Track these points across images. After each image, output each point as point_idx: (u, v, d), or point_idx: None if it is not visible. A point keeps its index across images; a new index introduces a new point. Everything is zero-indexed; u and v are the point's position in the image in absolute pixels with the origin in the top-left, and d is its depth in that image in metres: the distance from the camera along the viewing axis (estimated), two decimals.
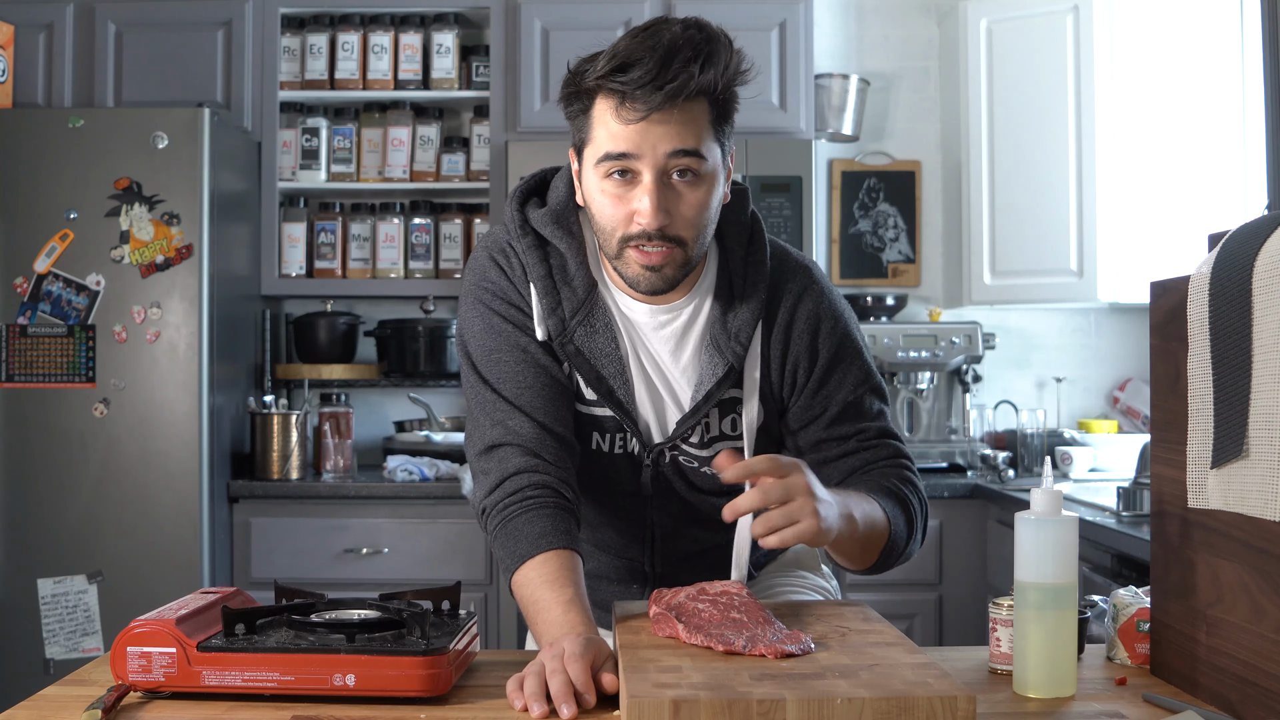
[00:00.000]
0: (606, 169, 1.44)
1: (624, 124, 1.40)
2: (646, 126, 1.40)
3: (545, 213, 1.56)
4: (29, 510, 3.39)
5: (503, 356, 1.55)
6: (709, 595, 1.40)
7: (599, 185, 1.45)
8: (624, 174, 1.43)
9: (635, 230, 1.44)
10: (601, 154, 1.43)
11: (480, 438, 1.54)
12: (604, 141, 1.43)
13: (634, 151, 1.41)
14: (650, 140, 1.40)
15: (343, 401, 3.85)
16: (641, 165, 1.42)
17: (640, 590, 1.70)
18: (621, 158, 1.42)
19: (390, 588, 1.59)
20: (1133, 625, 1.44)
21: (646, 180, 1.42)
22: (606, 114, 1.42)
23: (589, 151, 1.46)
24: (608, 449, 1.61)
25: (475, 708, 1.27)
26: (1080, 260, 3.60)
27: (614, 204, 1.44)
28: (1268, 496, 1.15)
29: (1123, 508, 2.74)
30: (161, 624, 1.28)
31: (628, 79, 1.38)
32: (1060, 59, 3.62)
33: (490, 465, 1.51)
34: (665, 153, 1.41)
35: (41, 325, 3.41)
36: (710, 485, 1.61)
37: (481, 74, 3.93)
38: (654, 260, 1.45)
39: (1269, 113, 2.95)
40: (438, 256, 3.94)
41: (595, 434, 1.60)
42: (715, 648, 1.27)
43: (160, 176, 3.42)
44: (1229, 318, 1.21)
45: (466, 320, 1.59)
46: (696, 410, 1.55)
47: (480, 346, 1.57)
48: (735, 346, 1.54)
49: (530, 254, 1.54)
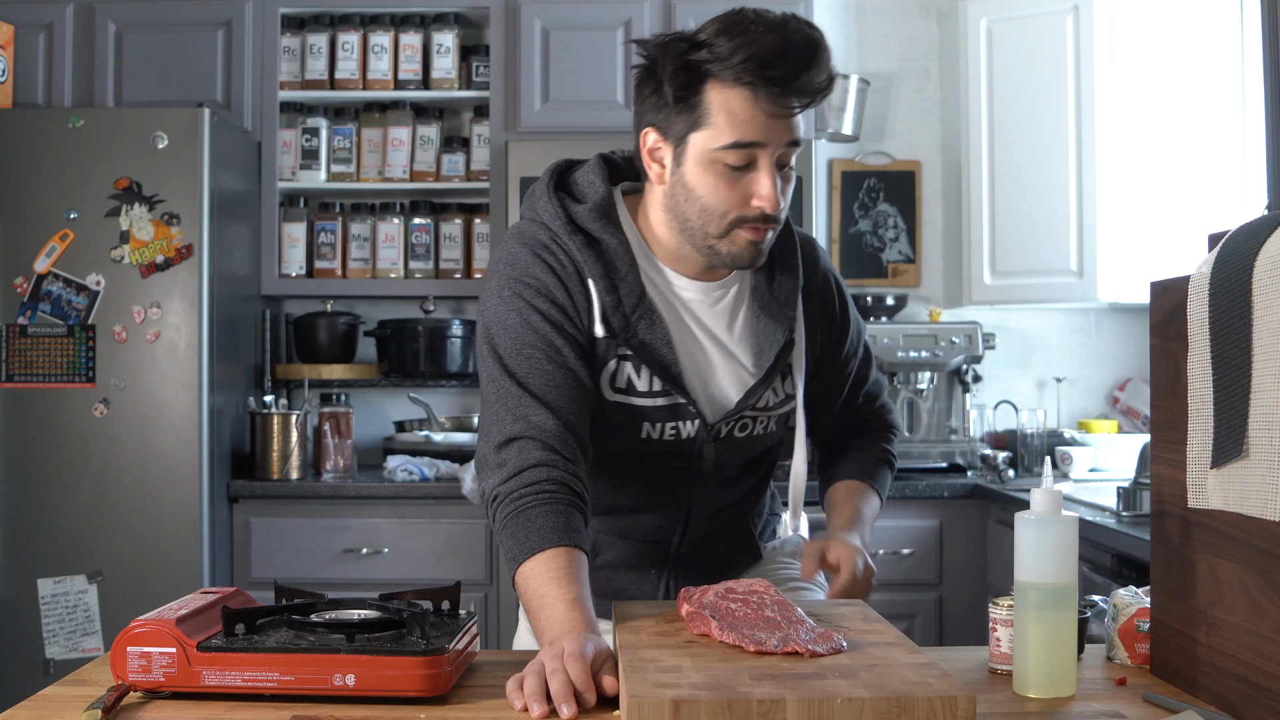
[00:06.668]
0: (732, 156, 1.47)
1: (762, 114, 1.45)
2: (775, 120, 1.46)
3: (590, 209, 1.58)
4: (29, 510, 3.39)
5: (535, 354, 1.54)
6: (738, 594, 1.40)
7: (712, 168, 1.49)
8: (742, 160, 1.48)
9: (753, 213, 1.50)
10: (728, 141, 1.46)
11: (500, 430, 1.52)
12: (730, 129, 1.46)
13: (764, 140, 1.47)
14: (778, 131, 1.47)
15: (343, 401, 3.85)
16: (764, 153, 1.48)
17: (657, 576, 1.72)
18: (751, 146, 1.47)
19: (390, 588, 1.59)
20: (1133, 625, 1.44)
21: (766, 167, 1.48)
22: (734, 103, 1.45)
23: (702, 135, 1.48)
24: (658, 436, 1.62)
25: (475, 708, 1.27)
26: (1080, 260, 3.60)
27: (729, 186, 1.49)
28: (1268, 496, 1.15)
29: (1123, 508, 2.74)
30: (161, 624, 1.28)
31: (773, 74, 1.43)
32: (1060, 59, 3.62)
33: (509, 456, 1.50)
34: (785, 142, 1.49)
35: (41, 325, 3.41)
36: (752, 451, 1.71)
37: (481, 74, 3.94)
38: (762, 238, 1.53)
39: (1269, 113, 2.95)
40: (438, 256, 3.94)
41: (645, 424, 1.61)
42: (747, 647, 1.27)
43: (160, 176, 3.42)
44: (1229, 318, 1.21)
45: (497, 314, 1.57)
46: (768, 378, 1.63)
47: (512, 341, 1.55)
48: (788, 312, 1.64)
49: (584, 252, 1.56)
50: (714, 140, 1.47)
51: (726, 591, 1.42)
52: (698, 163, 1.49)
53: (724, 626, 1.32)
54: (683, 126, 1.49)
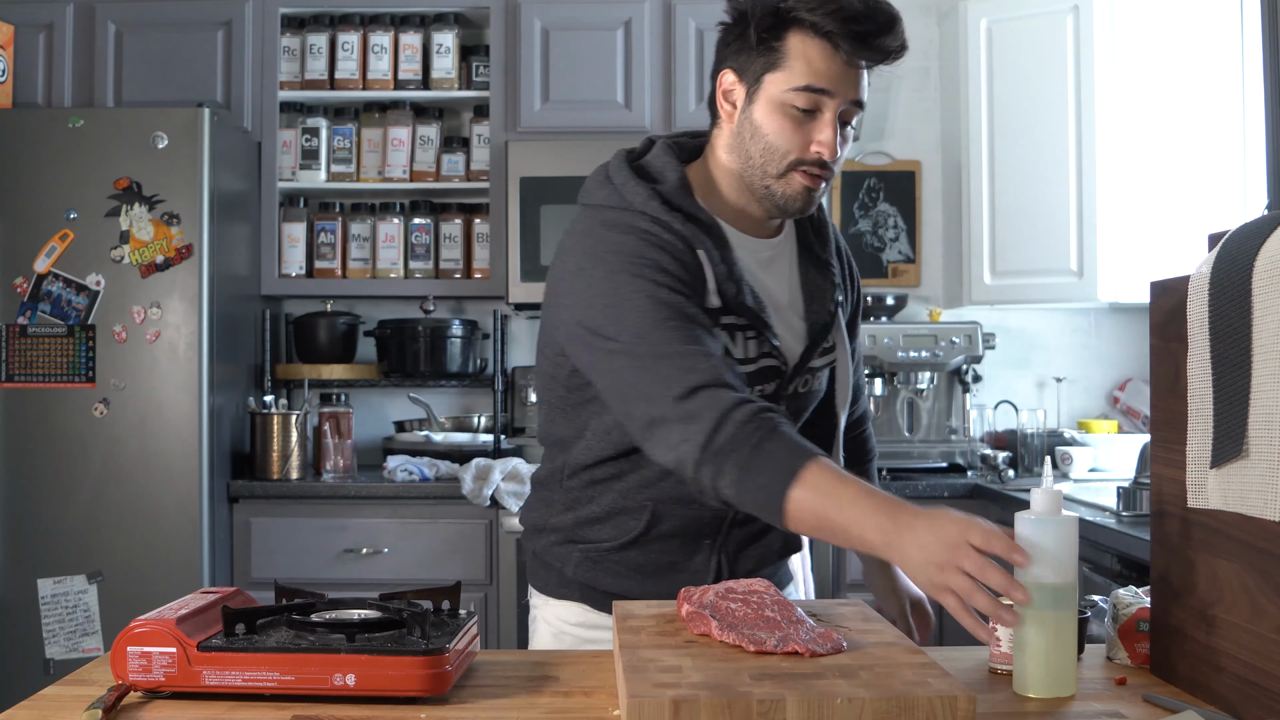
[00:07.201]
0: (801, 99, 1.54)
1: (835, 64, 1.53)
2: (848, 71, 1.54)
3: (676, 188, 1.62)
4: (29, 510, 3.39)
5: (673, 323, 1.51)
6: (738, 594, 1.40)
7: (781, 109, 1.56)
8: (810, 105, 1.55)
9: (812, 157, 1.57)
10: (801, 84, 1.54)
11: (672, 386, 1.46)
12: (804, 74, 1.54)
13: (832, 90, 1.54)
14: (846, 84, 1.55)
15: (343, 401, 3.85)
16: (831, 103, 1.55)
17: (710, 548, 1.69)
18: (820, 93, 1.54)
19: (390, 588, 1.59)
20: (1133, 625, 1.44)
21: (830, 117, 1.56)
22: (813, 50, 1.53)
23: (778, 77, 1.55)
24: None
25: (475, 708, 1.27)
26: (1080, 260, 3.60)
27: (794, 128, 1.56)
28: (1268, 496, 1.15)
29: (1123, 508, 2.74)
30: (162, 624, 1.28)
31: (855, 28, 1.52)
32: (1060, 59, 3.62)
33: (697, 406, 1.44)
34: (851, 99, 1.56)
35: (41, 325, 3.41)
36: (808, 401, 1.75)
37: (481, 74, 3.94)
38: (816, 185, 1.60)
39: (1269, 113, 2.95)
40: (437, 256, 3.94)
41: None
42: (746, 648, 1.27)
43: (160, 176, 3.42)
44: (1229, 318, 1.21)
45: (616, 298, 1.53)
46: (826, 326, 1.70)
47: (644, 319, 1.51)
48: (834, 264, 1.75)
49: (687, 227, 1.60)
50: (787, 82, 1.55)
51: (726, 591, 1.42)
52: (768, 102, 1.57)
53: (724, 626, 1.32)
54: (760, 68, 1.57)
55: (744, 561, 1.71)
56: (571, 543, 1.71)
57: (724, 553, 1.70)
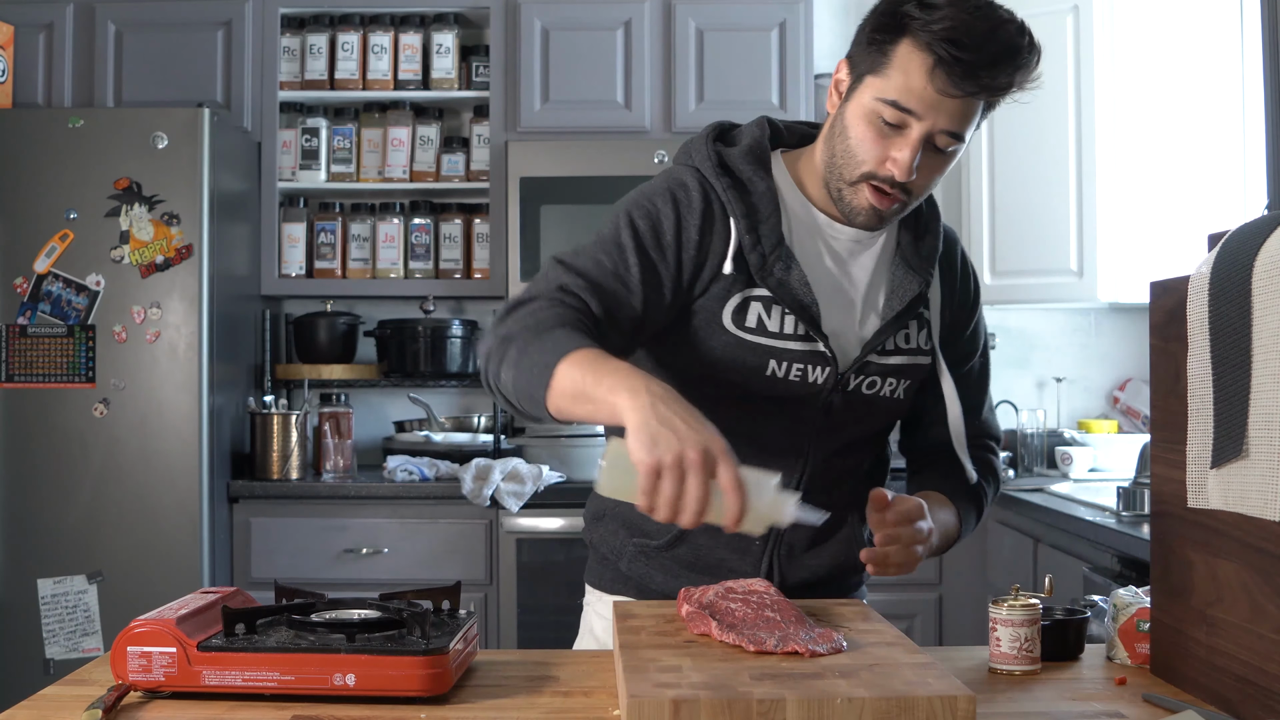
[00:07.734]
0: (889, 112, 1.49)
1: (928, 86, 1.46)
2: (941, 100, 1.46)
3: (743, 152, 1.61)
4: (29, 510, 3.39)
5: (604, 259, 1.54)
6: (738, 594, 1.40)
7: (869, 116, 1.51)
8: (896, 121, 1.49)
9: (885, 173, 1.52)
10: (891, 97, 1.48)
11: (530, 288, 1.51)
12: (898, 88, 1.48)
13: (920, 112, 1.48)
14: (937, 111, 1.47)
15: (343, 401, 3.85)
16: (917, 125, 1.49)
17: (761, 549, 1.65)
18: (906, 112, 1.48)
19: (390, 588, 1.59)
20: (1133, 625, 1.44)
21: (913, 138, 1.49)
22: (914, 65, 1.46)
23: (876, 82, 1.50)
24: (783, 375, 1.60)
25: (475, 708, 1.27)
26: (1080, 260, 3.60)
27: (876, 139, 1.51)
28: (1268, 496, 1.15)
29: (1123, 508, 2.74)
30: (162, 624, 1.28)
31: (960, 55, 1.43)
32: (1060, 59, 3.62)
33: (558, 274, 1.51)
34: (941, 127, 1.48)
35: (41, 325, 3.41)
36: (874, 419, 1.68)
37: (481, 74, 3.94)
38: (884, 205, 1.54)
39: (1269, 113, 2.95)
40: (437, 256, 3.95)
41: (772, 362, 1.59)
42: (746, 648, 1.27)
43: (160, 176, 3.42)
44: (1229, 318, 1.21)
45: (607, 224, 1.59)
46: (899, 318, 1.62)
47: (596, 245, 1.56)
48: (928, 268, 1.66)
49: (729, 193, 1.58)
50: (881, 91, 1.49)
51: (726, 591, 1.42)
52: (860, 106, 1.52)
53: (724, 626, 1.32)
54: (865, 66, 1.52)
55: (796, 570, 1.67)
56: (625, 530, 1.69)
57: (777, 554, 1.67)
